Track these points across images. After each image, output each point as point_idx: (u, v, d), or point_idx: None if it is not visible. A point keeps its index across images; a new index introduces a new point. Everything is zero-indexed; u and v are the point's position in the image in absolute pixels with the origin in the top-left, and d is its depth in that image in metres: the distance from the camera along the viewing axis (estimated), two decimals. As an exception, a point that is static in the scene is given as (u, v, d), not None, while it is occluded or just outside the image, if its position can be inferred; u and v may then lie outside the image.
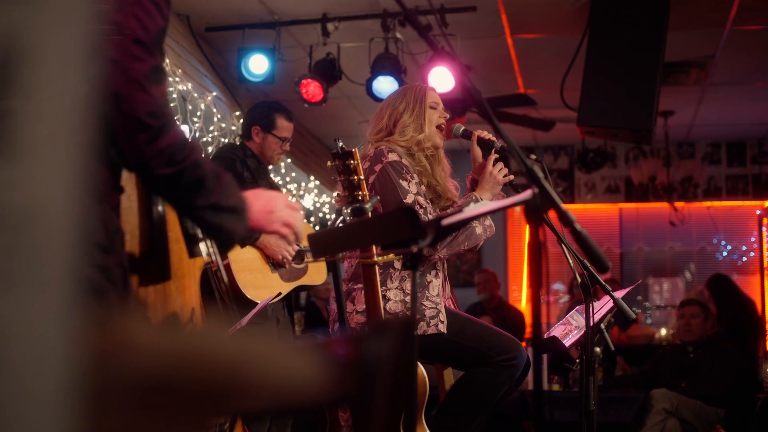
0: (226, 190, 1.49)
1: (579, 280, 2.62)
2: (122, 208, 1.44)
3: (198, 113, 5.08)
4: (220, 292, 1.92)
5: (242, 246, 1.60)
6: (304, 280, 3.64)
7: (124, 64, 1.30)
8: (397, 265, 2.87)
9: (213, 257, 1.77)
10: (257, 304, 2.74)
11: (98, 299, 1.27)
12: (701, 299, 6.90)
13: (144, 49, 1.32)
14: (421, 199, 2.86)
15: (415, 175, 2.89)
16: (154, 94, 1.33)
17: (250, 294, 3.27)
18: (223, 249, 1.57)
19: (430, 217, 2.82)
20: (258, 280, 3.38)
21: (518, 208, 1.60)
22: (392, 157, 2.87)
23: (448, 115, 3.08)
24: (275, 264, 3.50)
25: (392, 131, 2.98)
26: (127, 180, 1.47)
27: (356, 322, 2.84)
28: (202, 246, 1.71)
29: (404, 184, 2.84)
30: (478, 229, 2.92)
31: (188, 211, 1.49)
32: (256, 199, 1.60)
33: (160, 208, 1.60)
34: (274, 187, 3.97)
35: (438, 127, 3.01)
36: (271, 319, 3.60)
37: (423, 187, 2.92)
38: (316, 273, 3.72)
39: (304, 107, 5.57)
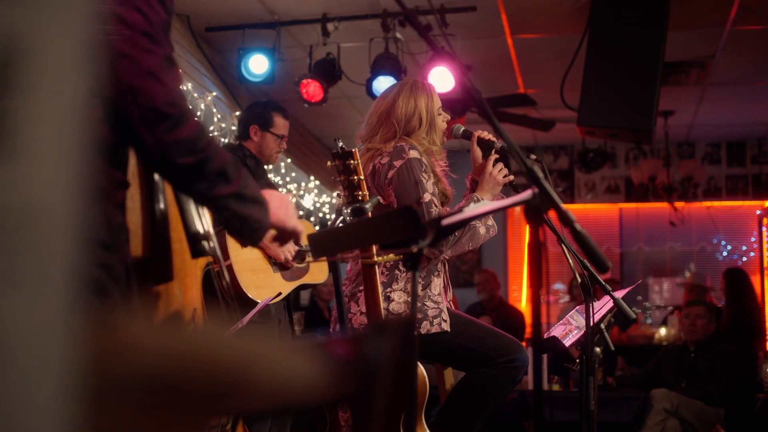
0: (246, 180, 1.49)
1: (579, 280, 2.62)
2: (126, 206, 1.44)
3: (198, 113, 5.07)
4: (222, 292, 1.92)
5: (257, 243, 1.60)
6: (306, 279, 3.63)
7: (135, 57, 1.28)
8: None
9: (215, 257, 1.77)
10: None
11: (101, 297, 1.27)
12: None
13: (152, 41, 1.31)
14: (435, 200, 2.86)
15: (431, 175, 2.89)
16: (169, 83, 1.32)
17: (252, 294, 3.26)
18: (253, 240, 1.56)
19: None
20: (260, 280, 3.38)
21: (518, 208, 1.59)
22: (413, 154, 2.86)
23: (449, 117, 3.08)
24: (277, 264, 3.50)
25: (407, 136, 2.95)
26: (131, 179, 1.46)
27: (360, 323, 2.83)
28: (205, 245, 1.71)
29: (424, 181, 2.84)
30: (482, 230, 2.92)
31: (211, 202, 1.46)
32: (270, 196, 1.60)
33: (162, 207, 1.59)
34: (273, 187, 3.97)
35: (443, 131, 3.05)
36: (273, 319, 3.60)
37: (436, 189, 2.92)
38: (318, 271, 3.72)
39: (304, 107, 5.57)
